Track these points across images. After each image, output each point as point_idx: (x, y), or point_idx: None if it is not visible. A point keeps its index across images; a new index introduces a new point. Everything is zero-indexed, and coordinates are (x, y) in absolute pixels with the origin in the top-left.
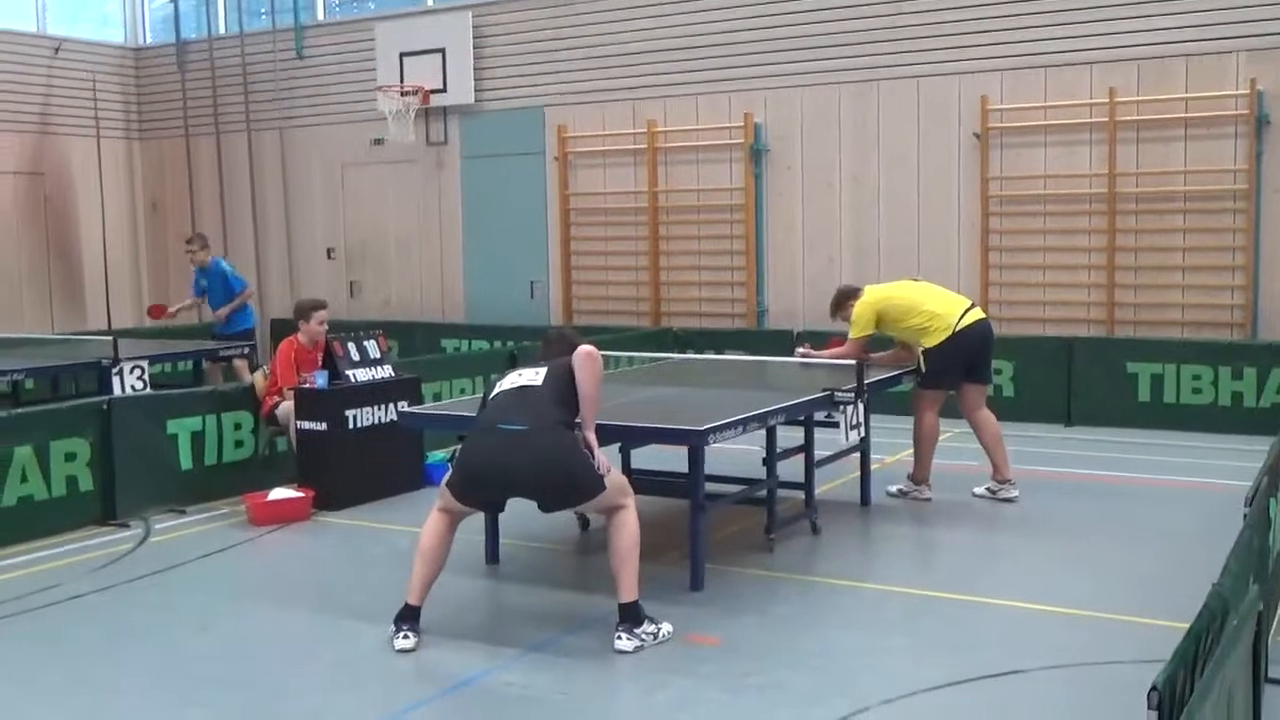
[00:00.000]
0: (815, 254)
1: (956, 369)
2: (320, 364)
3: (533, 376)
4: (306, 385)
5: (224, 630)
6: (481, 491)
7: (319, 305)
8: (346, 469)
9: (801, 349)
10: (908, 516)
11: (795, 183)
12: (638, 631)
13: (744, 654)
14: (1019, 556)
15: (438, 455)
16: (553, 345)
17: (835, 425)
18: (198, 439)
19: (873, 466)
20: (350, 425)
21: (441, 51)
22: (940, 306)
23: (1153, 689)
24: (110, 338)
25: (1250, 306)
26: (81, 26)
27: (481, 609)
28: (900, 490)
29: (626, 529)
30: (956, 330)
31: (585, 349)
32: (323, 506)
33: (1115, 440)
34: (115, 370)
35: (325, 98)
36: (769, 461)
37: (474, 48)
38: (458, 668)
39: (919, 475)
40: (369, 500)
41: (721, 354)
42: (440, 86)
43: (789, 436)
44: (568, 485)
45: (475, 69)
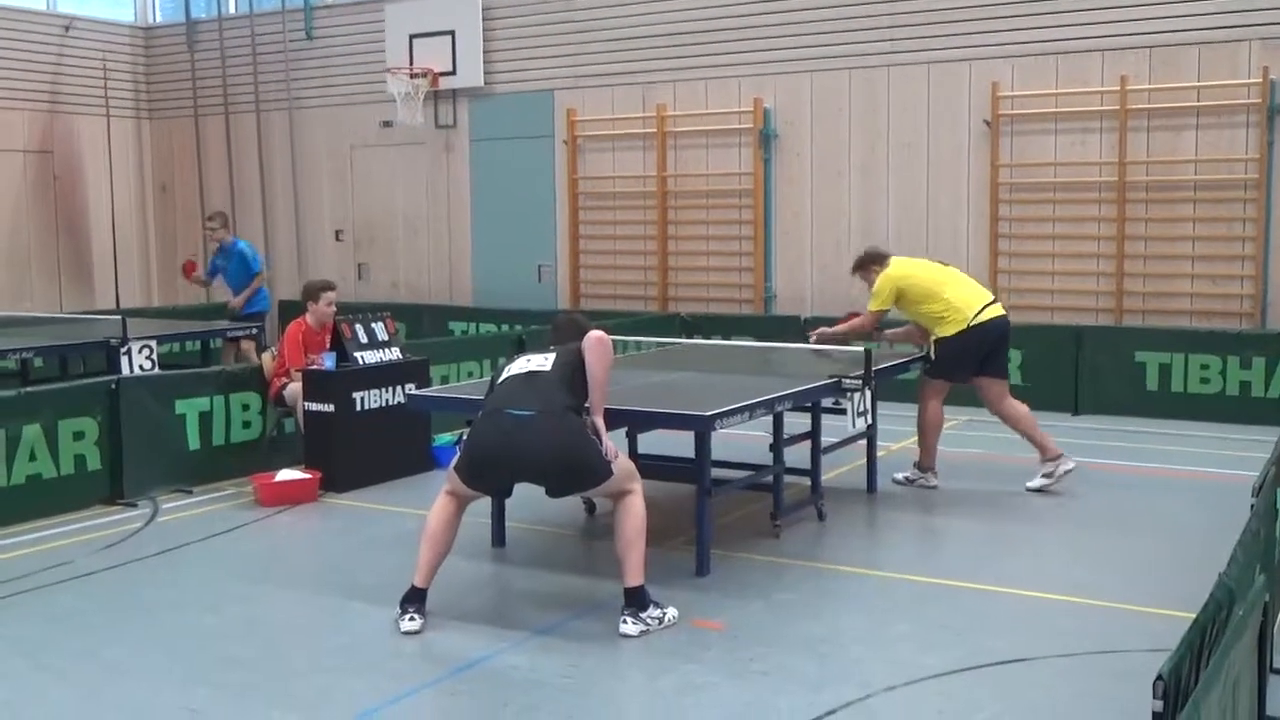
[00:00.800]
0: (824, 240)
1: (968, 363)
2: (328, 346)
3: (541, 362)
4: (314, 367)
5: (231, 610)
6: (489, 476)
7: (327, 286)
8: (354, 451)
9: (813, 334)
10: (914, 504)
11: (804, 168)
12: (643, 616)
13: (749, 639)
14: (1025, 545)
15: (445, 438)
16: (562, 330)
17: (842, 412)
18: (205, 419)
19: (879, 453)
20: (358, 407)
21: (451, 34)
22: (960, 297)
23: (1158, 678)
24: (119, 317)
25: (1260, 296)
26: (92, 5)
27: (488, 592)
28: (907, 478)
29: (633, 514)
30: (972, 324)
31: (596, 334)
32: (330, 488)
33: (1123, 429)
34: (123, 350)
35: (334, 79)
36: (775, 447)
37: (483, 30)
38: (464, 650)
39: (925, 463)
40: (376, 482)
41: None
42: (449, 69)
43: (796, 422)
44: (575, 470)
45: (484, 52)
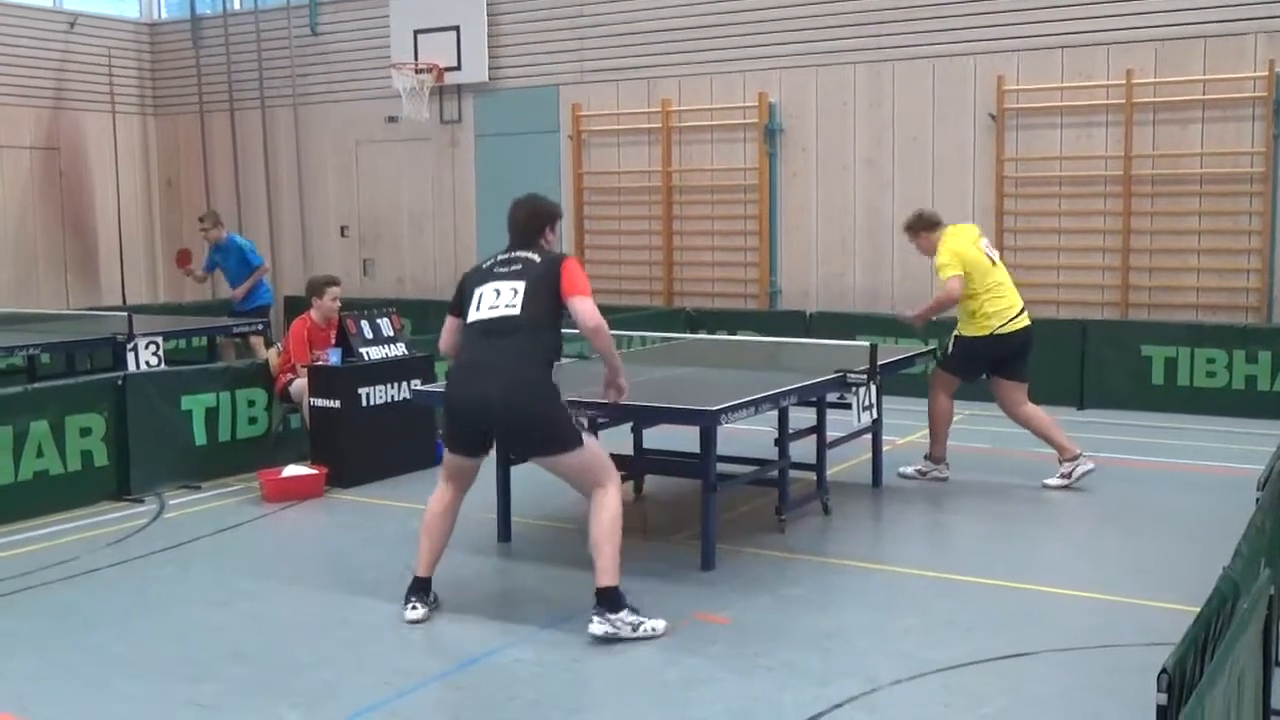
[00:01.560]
0: (829, 235)
1: (980, 367)
2: (334, 342)
3: (511, 299)
4: (320, 363)
5: (238, 605)
6: (463, 427)
7: (331, 282)
8: (359, 446)
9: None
10: (919, 498)
11: (809, 163)
12: (611, 617)
13: (754, 634)
14: (1030, 539)
15: None
16: (523, 231)
17: (848, 406)
18: (212, 415)
19: (885, 448)
20: (363, 403)
21: (456, 29)
22: (994, 304)
23: (1163, 671)
24: (125, 313)
25: (1265, 290)
26: (96, 1)
27: (493, 587)
28: (918, 470)
29: (607, 510)
30: (995, 332)
31: (594, 324)
32: (336, 483)
33: (1128, 423)
34: (130, 346)
35: (339, 74)
36: (781, 442)
37: (488, 25)
38: (470, 644)
39: (936, 454)
40: (382, 477)
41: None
42: (455, 64)
43: (801, 417)
44: (535, 428)
45: (489, 47)
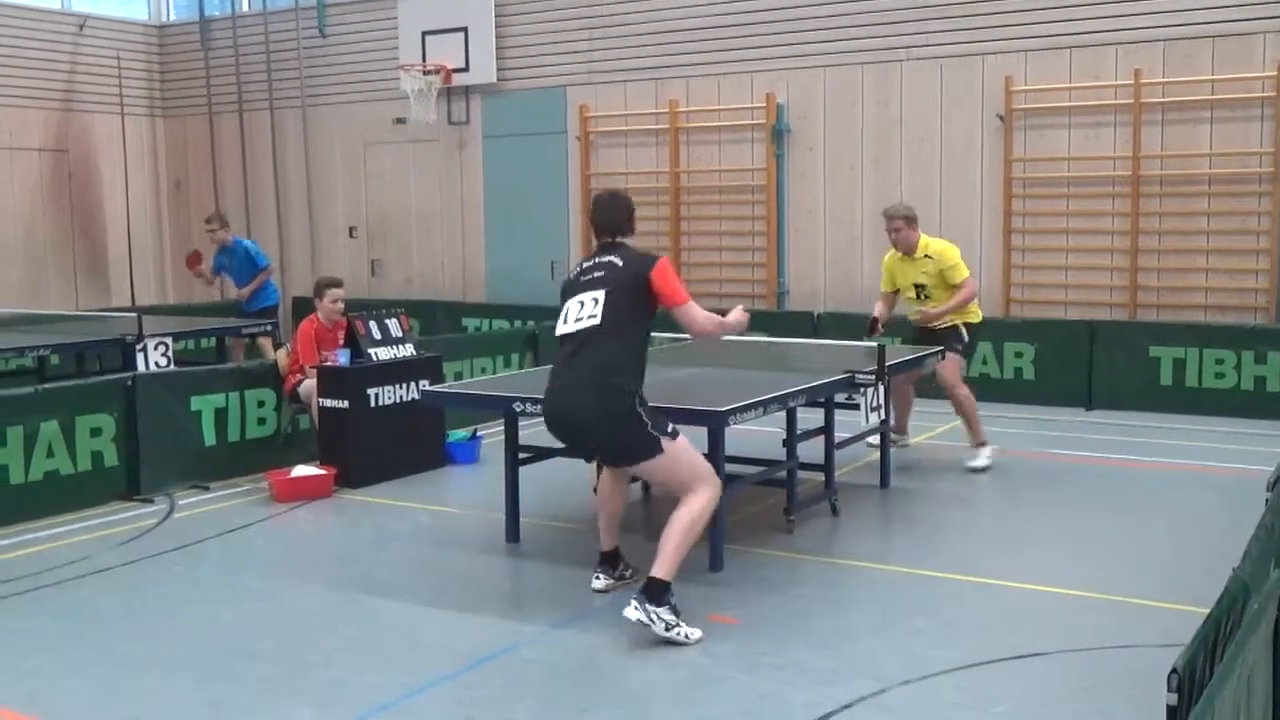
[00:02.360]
0: (836, 235)
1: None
2: (341, 342)
3: (592, 309)
4: (329, 363)
5: (248, 605)
6: (563, 440)
7: (333, 283)
8: (368, 447)
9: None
10: (927, 499)
11: (817, 164)
12: (651, 608)
13: (763, 634)
14: (1039, 540)
15: (458, 434)
16: (609, 229)
17: (856, 407)
18: (221, 415)
19: (892, 449)
20: (372, 403)
21: (464, 30)
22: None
23: (1173, 672)
24: (134, 314)
25: (1274, 290)
26: (106, 3)
27: (504, 587)
28: (985, 465)
29: (689, 509)
30: (981, 319)
31: (703, 332)
32: (344, 484)
33: (1136, 424)
34: (139, 347)
35: (348, 76)
36: (789, 443)
37: (496, 26)
38: (480, 643)
39: (982, 438)
40: (390, 478)
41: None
42: (462, 65)
43: (809, 418)
44: (616, 438)
45: (497, 48)
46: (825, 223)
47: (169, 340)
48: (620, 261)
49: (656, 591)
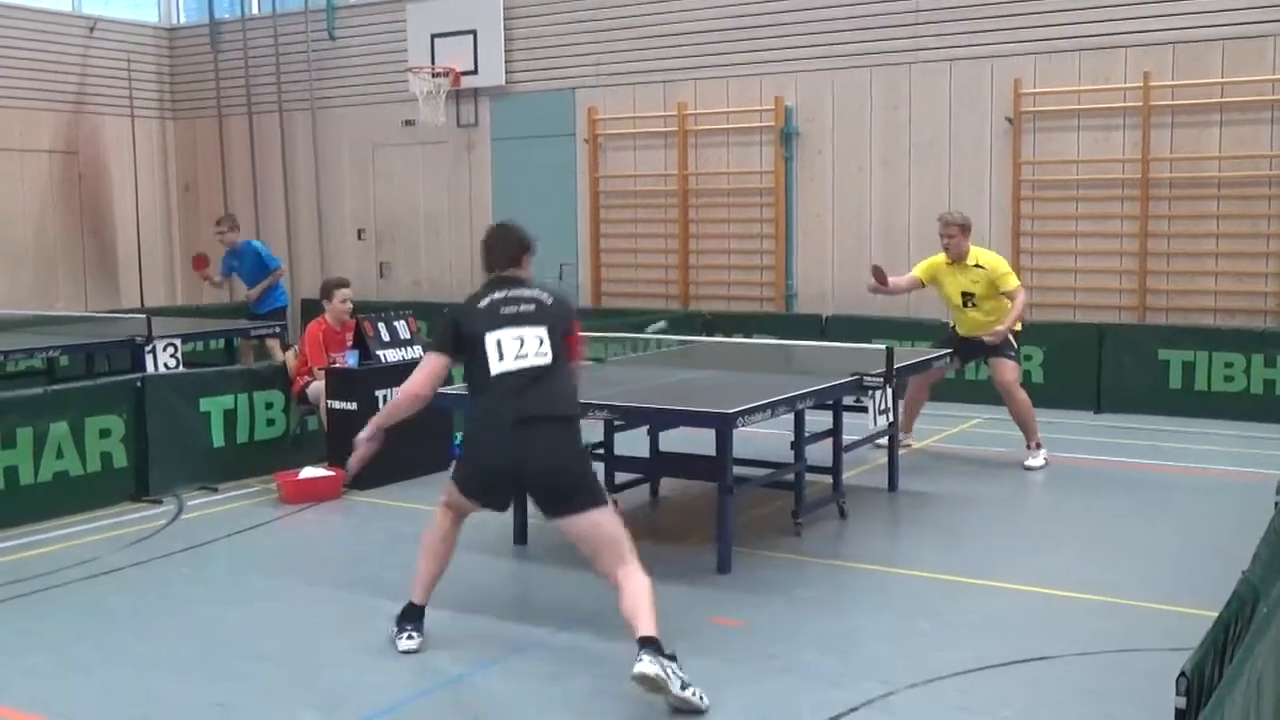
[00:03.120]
0: (845, 238)
1: None
2: (349, 344)
3: (538, 347)
4: (337, 365)
5: (256, 606)
6: (494, 484)
7: (340, 284)
8: (377, 448)
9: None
10: (935, 502)
11: (825, 166)
12: (664, 660)
13: (770, 637)
14: (1047, 543)
15: None
16: (508, 260)
17: (864, 410)
18: (230, 417)
19: (901, 451)
20: (381, 405)
21: (473, 33)
22: None
23: (1181, 675)
24: (143, 316)
25: None
26: (116, 6)
27: (511, 590)
28: (1042, 464)
29: (640, 580)
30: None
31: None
32: (353, 485)
33: (1145, 428)
34: (148, 348)
35: (357, 78)
36: (797, 445)
37: (505, 29)
38: (487, 646)
39: (1038, 439)
40: (398, 479)
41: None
42: (471, 68)
43: (817, 420)
44: (578, 479)
45: (506, 51)
46: (834, 225)
47: (178, 342)
48: (548, 299)
49: (660, 646)
